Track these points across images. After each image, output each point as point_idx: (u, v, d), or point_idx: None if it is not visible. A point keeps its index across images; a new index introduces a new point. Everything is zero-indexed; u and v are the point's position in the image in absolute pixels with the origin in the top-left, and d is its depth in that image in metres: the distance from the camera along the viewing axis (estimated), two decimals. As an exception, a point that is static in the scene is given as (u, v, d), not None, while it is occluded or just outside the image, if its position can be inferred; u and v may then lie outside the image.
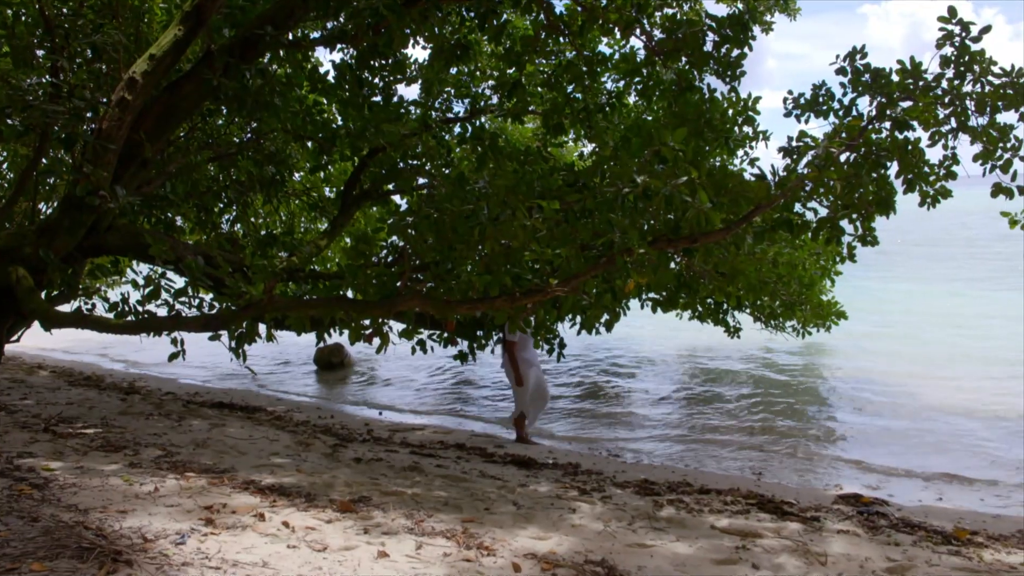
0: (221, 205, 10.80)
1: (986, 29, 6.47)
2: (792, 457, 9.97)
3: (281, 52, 8.19)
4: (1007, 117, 6.64)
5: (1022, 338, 19.19)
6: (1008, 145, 6.65)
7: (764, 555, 4.97)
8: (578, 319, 7.56)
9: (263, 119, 8.60)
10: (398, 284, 6.45)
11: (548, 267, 6.28)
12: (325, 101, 9.95)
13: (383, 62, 8.99)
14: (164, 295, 6.25)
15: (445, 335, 8.15)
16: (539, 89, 9.64)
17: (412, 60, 10.15)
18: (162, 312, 6.52)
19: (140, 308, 6.64)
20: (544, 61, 9.57)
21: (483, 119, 11.22)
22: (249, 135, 10.34)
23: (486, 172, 7.46)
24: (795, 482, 8.53)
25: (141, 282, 6.24)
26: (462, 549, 4.46)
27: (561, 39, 8.76)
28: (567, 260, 5.93)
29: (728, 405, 12.91)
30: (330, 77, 9.15)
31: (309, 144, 10.29)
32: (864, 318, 19.85)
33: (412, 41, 7.92)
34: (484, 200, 5.87)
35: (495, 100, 10.57)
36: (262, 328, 6.86)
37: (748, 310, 10.54)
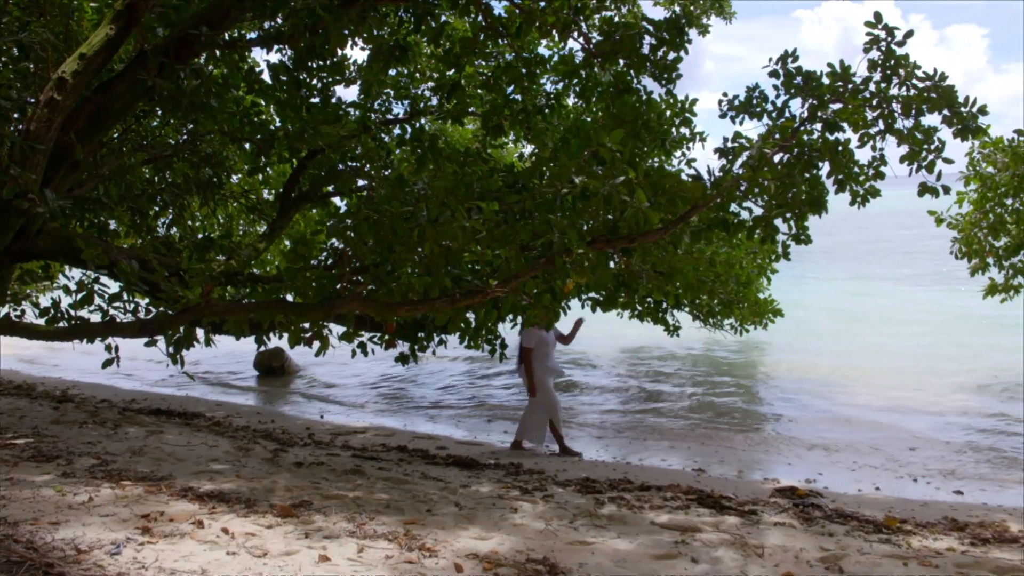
0: (156, 208, 10.60)
1: (909, 34, 6.66)
2: (731, 452, 10.14)
3: (217, 53, 8.07)
4: (931, 120, 6.87)
5: (949, 332, 19.85)
6: (932, 147, 6.86)
7: (703, 549, 5.05)
8: (519, 319, 7.60)
9: (199, 120, 8.48)
10: (338, 286, 6.41)
11: (488, 268, 6.30)
12: (263, 102, 9.83)
13: (321, 63, 8.92)
14: (97, 300, 6.13)
15: (385, 337, 8.11)
16: (479, 91, 9.65)
17: (351, 61, 10.09)
18: (95, 318, 6.39)
19: (72, 314, 6.49)
20: (483, 63, 9.58)
21: (423, 121, 11.19)
22: (185, 137, 10.18)
23: (426, 174, 7.45)
24: (734, 477, 8.68)
25: (73, 287, 6.10)
26: (404, 551, 4.45)
27: (500, 41, 8.79)
28: (507, 261, 5.95)
29: (668, 403, 13.10)
30: (265, 77, 9.03)
31: (247, 146, 10.15)
32: (800, 315, 20.30)
33: (350, 42, 7.87)
34: (423, 202, 5.87)
35: (435, 101, 10.55)
36: (200, 333, 6.76)
37: (687, 309, 10.69)
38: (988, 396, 13.17)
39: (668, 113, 8.29)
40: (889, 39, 6.70)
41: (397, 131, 10.64)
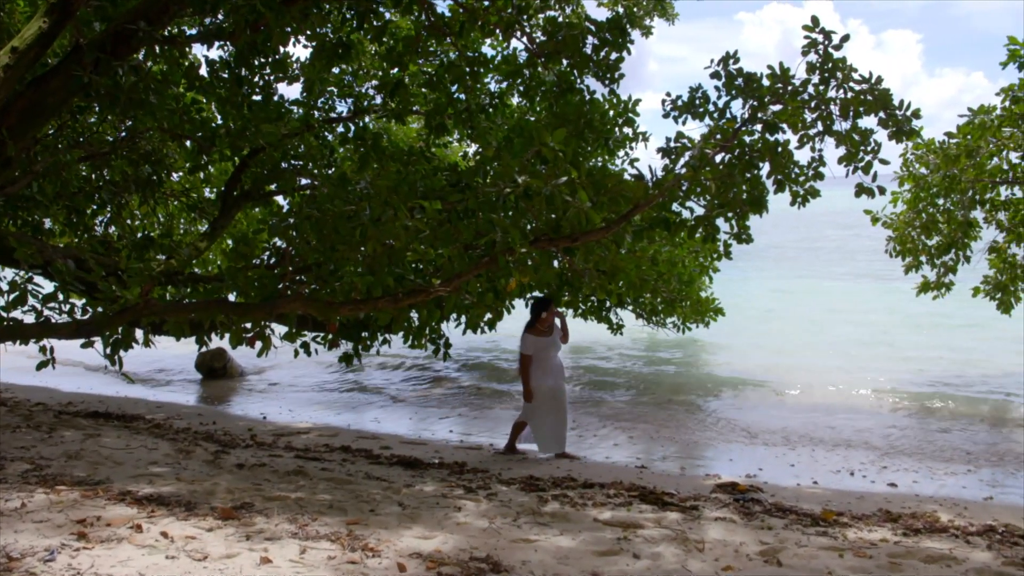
0: (94, 207, 10.38)
1: (846, 38, 6.82)
2: (674, 448, 10.28)
3: (156, 48, 7.93)
4: (868, 122, 7.04)
5: (884, 329, 20.34)
6: (869, 148, 7.03)
7: (644, 545, 5.12)
8: (463, 319, 7.60)
9: (138, 117, 8.32)
10: (280, 286, 6.36)
11: (431, 267, 6.30)
12: (203, 99, 9.69)
13: (263, 60, 8.83)
14: (31, 300, 5.98)
15: (328, 337, 8.04)
16: (422, 89, 9.63)
17: (293, 58, 9.99)
18: (29, 319, 6.24)
19: (5, 315, 6.33)
20: (426, 61, 9.56)
21: (367, 119, 11.13)
22: (123, 134, 9.98)
23: (369, 172, 7.41)
24: (676, 473, 8.79)
25: (5, 287, 5.95)
26: (347, 551, 4.44)
27: (444, 40, 8.78)
28: (450, 260, 5.96)
29: (611, 400, 13.23)
30: (203, 72, 8.90)
31: (187, 143, 10.00)
32: (741, 313, 20.64)
33: (293, 39, 7.80)
34: (366, 201, 5.85)
35: (378, 100, 10.50)
36: (139, 333, 6.63)
37: (630, 307, 10.79)
38: (921, 390, 13.53)
39: (611, 113, 8.37)
40: (827, 42, 6.85)
41: (340, 129, 10.57)
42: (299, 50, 63.01)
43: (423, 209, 5.96)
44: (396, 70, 9.16)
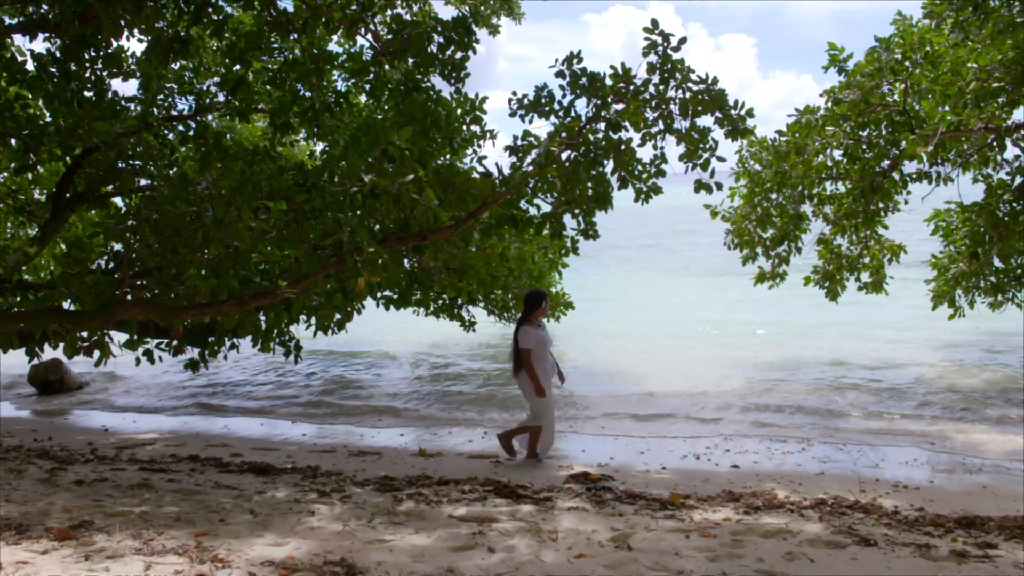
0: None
1: (683, 40, 7.11)
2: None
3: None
4: (705, 121, 7.38)
5: (727, 317, 21.29)
6: (707, 146, 7.37)
7: (499, 538, 5.19)
8: (313, 320, 7.48)
9: (-48, 114, 7.76)
10: (118, 292, 6.09)
11: (277, 268, 6.18)
12: (29, 95, 9.11)
13: (94, 54, 8.39)
14: None
15: (173, 343, 7.75)
16: (267, 87, 9.39)
17: (128, 53, 9.54)
18: None
19: None
20: (270, 58, 9.34)
21: (209, 117, 10.76)
22: (-63, 132, 9.28)
23: (211, 172, 7.18)
24: (530, 466, 8.93)
25: None
26: (195, 564, 4.30)
27: (289, 36, 8.59)
28: (297, 261, 5.86)
29: (465, 396, 13.34)
30: (29, 66, 8.38)
31: (12, 141, 9.38)
32: (591, 307, 21.19)
33: (126, 32, 7.45)
34: (208, 202, 5.67)
35: (221, 98, 10.16)
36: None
37: (482, 304, 10.86)
38: (761, 373, 14.27)
39: (459, 111, 8.41)
40: (666, 44, 7.14)
41: (181, 128, 10.17)
42: (134, 44, 60.23)
43: (268, 209, 5.83)
44: (239, 67, 8.89)
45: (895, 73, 9.12)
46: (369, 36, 7.92)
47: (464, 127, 8.35)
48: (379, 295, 9.27)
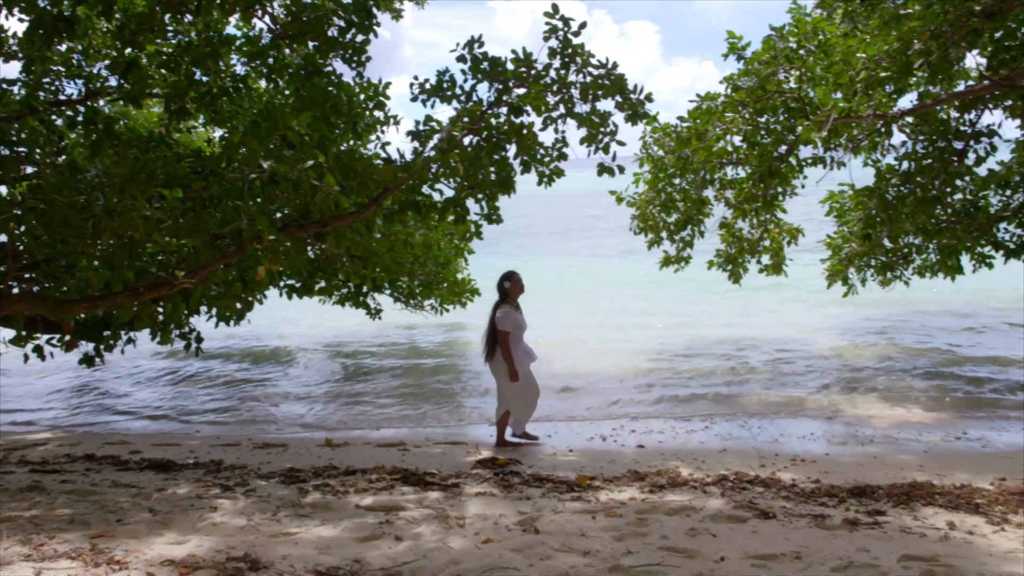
0: None
1: (583, 25, 7.16)
2: (437, 427, 10.45)
3: None
4: (606, 105, 7.45)
5: (637, 300, 21.64)
6: (607, 130, 7.45)
7: (407, 526, 5.17)
8: (213, 311, 7.28)
9: None
10: (3, 285, 5.82)
11: (174, 258, 5.99)
12: (-99, 79, 8.61)
13: (-28, 36, 7.97)
14: None
15: (65, 338, 7.44)
16: (161, 71, 9.06)
17: (9, 33, 9.09)
18: None
19: None
20: (164, 41, 9.02)
21: (101, 102, 10.33)
22: None
23: (102, 159, 6.90)
24: (438, 452, 8.92)
25: None
26: (90, 568, 4.16)
27: (183, 18, 8.30)
28: (195, 250, 5.69)
29: (374, 385, 13.24)
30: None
31: None
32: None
33: (6, 11, 7.09)
34: (99, 190, 5.45)
35: (113, 82, 9.76)
36: None
37: (388, 291, 10.76)
38: (666, 355, 14.55)
39: (362, 96, 8.28)
40: (566, 29, 7.18)
41: (70, 113, 9.75)
42: (14, 24, 57.49)
43: (164, 198, 5.64)
44: (130, 50, 8.55)
45: (790, 61, 9.37)
46: (267, 19, 7.72)
47: (367, 112, 8.23)
48: (282, 284, 9.08)
